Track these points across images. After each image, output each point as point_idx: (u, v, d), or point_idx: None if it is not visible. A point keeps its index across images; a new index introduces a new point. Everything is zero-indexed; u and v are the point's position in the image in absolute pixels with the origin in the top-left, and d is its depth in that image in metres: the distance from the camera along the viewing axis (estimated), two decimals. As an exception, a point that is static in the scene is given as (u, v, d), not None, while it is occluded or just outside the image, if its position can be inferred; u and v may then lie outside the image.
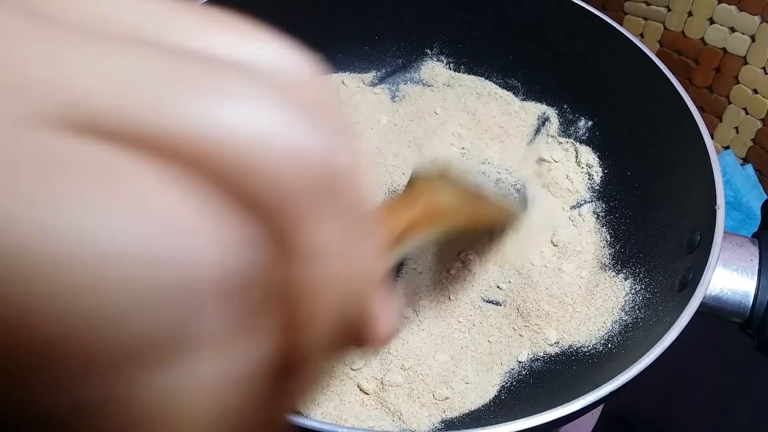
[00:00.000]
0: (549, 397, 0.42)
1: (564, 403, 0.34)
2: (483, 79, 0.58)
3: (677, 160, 0.47)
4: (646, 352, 0.35)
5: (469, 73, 0.59)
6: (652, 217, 0.48)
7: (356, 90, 0.58)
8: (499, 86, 0.57)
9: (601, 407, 0.57)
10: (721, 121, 0.72)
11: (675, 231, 0.45)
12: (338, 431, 0.32)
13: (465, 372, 0.43)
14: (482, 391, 0.43)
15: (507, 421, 0.41)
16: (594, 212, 0.51)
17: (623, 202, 0.51)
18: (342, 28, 0.58)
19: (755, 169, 0.72)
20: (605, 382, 0.34)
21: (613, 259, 0.48)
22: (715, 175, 0.42)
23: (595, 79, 0.55)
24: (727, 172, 0.70)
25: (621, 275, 0.47)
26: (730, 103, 0.70)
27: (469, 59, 0.59)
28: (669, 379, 0.59)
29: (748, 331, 0.40)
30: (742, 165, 0.72)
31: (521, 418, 0.33)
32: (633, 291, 0.45)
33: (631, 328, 0.43)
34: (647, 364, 0.35)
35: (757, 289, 0.39)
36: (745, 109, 0.70)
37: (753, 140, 0.71)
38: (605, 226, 0.50)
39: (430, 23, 0.58)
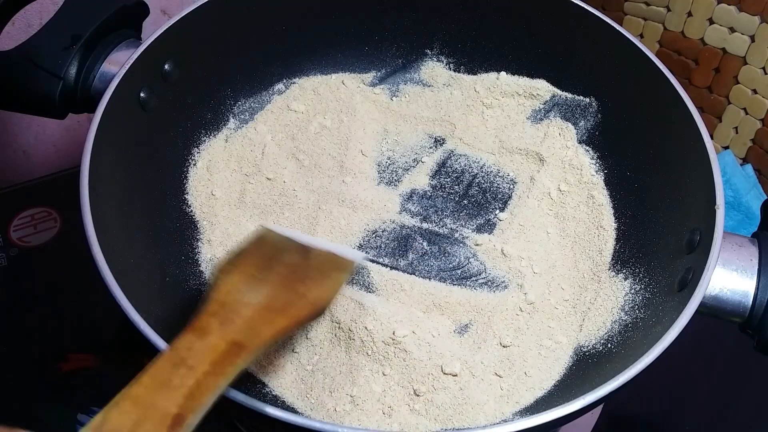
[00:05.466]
0: (549, 396, 0.42)
1: (564, 403, 0.34)
2: (482, 79, 0.58)
3: (677, 160, 0.47)
4: (645, 352, 0.35)
5: (469, 73, 0.59)
6: (652, 217, 0.48)
7: (356, 90, 0.58)
8: (499, 87, 0.57)
9: (601, 407, 0.57)
10: (720, 122, 0.72)
11: (675, 231, 0.45)
12: (338, 431, 0.32)
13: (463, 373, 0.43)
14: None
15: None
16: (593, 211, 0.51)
17: (623, 202, 0.51)
18: (342, 28, 0.58)
19: (755, 169, 0.72)
20: (605, 382, 0.34)
21: (612, 259, 0.48)
22: (714, 176, 0.42)
23: (595, 80, 0.55)
24: (726, 172, 0.70)
25: (621, 275, 0.47)
26: (729, 103, 0.70)
27: (469, 59, 0.59)
28: (669, 379, 0.59)
29: (748, 331, 0.40)
30: (741, 165, 0.72)
31: (521, 417, 0.33)
32: (633, 291, 0.45)
33: (631, 328, 0.43)
34: (647, 364, 0.35)
35: (757, 288, 0.39)
36: (744, 109, 0.70)
37: (752, 140, 0.71)
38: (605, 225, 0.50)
39: (430, 23, 0.58)
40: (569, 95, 0.56)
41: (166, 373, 0.28)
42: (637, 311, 0.44)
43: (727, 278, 0.40)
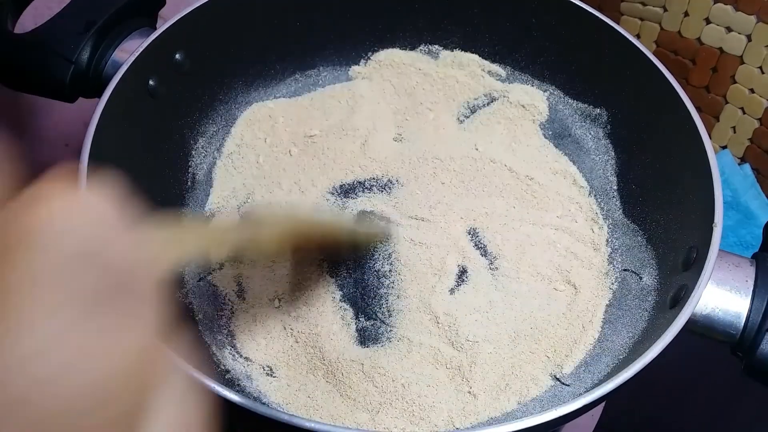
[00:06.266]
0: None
1: (564, 403, 0.34)
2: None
3: (676, 169, 0.47)
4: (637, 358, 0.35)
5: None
6: (652, 232, 0.47)
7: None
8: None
9: (601, 407, 0.57)
10: (718, 121, 0.72)
11: (672, 247, 0.44)
12: (337, 431, 0.32)
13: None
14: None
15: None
16: (590, 223, 0.51)
17: (620, 216, 0.50)
18: (356, 24, 0.58)
19: (753, 168, 0.72)
20: (605, 382, 0.34)
21: (608, 272, 0.48)
22: (715, 192, 0.41)
23: (594, 80, 0.54)
24: (725, 172, 0.70)
25: (615, 286, 0.47)
26: (727, 102, 0.70)
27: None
28: (669, 380, 0.59)
29: (738, 354, 0.39)
30: (739, 164, 0.72)
31: (521, 417, 0.33)
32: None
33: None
34: (626, 379, 0.35)
35: (750, 311, 0.38)
36: (742, 108, 0.70)
37: (750, 140, 0.71)
38: (601, 238, 0.50)
39: (435, 22, 0.58)
40: (567, 95, 0.56)
41: None
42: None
43: (720, 298, 0.39)
